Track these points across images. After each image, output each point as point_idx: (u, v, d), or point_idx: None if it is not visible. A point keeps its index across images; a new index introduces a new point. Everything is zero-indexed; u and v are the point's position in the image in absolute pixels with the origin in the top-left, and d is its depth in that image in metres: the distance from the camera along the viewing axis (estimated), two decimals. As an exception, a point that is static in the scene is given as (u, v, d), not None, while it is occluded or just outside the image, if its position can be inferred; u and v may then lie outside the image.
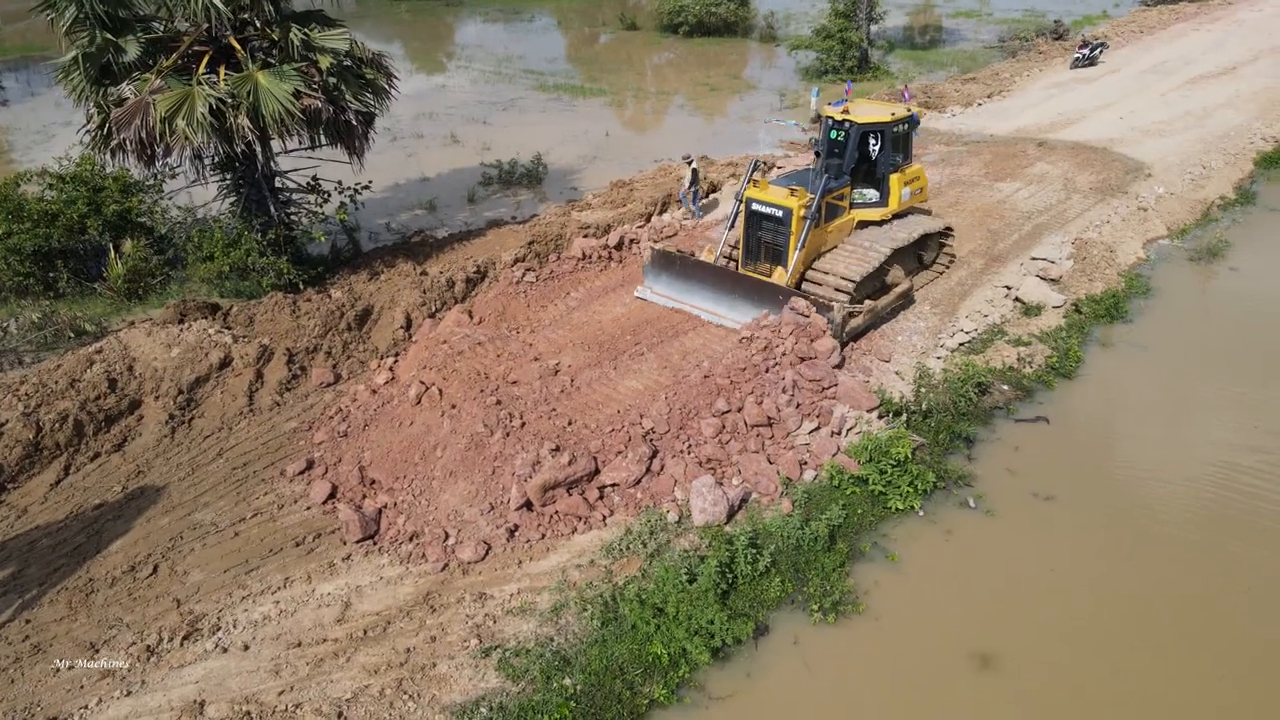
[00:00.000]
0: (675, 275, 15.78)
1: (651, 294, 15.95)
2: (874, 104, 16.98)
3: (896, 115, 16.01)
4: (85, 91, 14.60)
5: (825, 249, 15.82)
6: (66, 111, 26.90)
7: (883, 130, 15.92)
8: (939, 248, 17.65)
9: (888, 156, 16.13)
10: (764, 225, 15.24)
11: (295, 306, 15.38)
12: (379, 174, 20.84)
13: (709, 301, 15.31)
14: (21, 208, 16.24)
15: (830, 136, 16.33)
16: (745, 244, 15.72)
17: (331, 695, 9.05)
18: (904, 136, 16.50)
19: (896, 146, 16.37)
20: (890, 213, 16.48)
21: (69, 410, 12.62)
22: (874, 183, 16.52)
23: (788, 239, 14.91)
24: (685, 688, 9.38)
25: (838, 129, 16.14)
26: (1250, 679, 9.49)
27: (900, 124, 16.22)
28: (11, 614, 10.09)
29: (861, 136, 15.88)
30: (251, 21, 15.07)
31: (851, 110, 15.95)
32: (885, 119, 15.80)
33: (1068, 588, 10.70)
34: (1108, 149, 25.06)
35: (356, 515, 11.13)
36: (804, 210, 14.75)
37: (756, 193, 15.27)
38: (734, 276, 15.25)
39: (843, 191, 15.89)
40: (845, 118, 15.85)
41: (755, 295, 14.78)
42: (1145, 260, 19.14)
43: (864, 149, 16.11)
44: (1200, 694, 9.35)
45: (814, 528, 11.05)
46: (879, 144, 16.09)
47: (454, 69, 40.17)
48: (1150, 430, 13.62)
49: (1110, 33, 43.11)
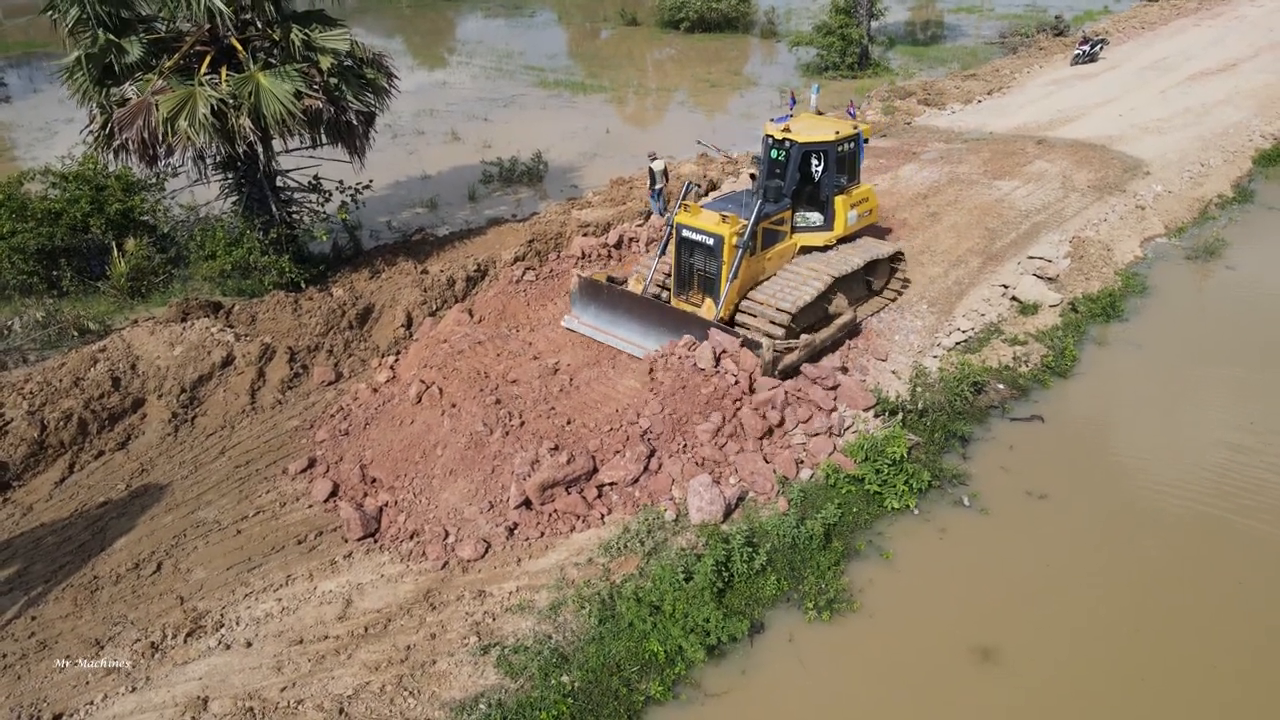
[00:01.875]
0: (602, 306, 14.78)
1: (578, 324, 14.92)
2: (818, 121, 15.95)
3: (841, 134, 15.14)
4: (88, 92, 14.72)
5: (763, 277, 14.95)
6: (69, 108, 26.88)
7: (826, 150, 15.01)
8: (890, 273, 16.72)
9: (832, 178, 15.24)
10: (695, 253, 14.27)
11: (297, 305, 15.51)
12: (380, 171, 20.94)
13: (636, 335, 14.26)
14: (25, 206, 16.37)
15: (771, 156, 15.40)
16: (677, 272, 14.74)
17: (333, 691, 9.19)
18: (850, 156, 15.66)
19: (842, 167, 15.48)
20: (836, 237, 15.65)
21: (73, 409, 12.76)
22: (818, 205, 15.57)
23: (720, 268, 13.97)
24: (681, 685, 9.51)
25: (778, 148, 15.25)
26: (1245, 672, 9.61)
27: (845, 143, 15.37)
28: (17, 611, 10.23)
29: (803, 156, 15.00)
30: (253, 22, 15.18)
31: (793, 128, 15.11)
32: (828, 138, 14.93)
33: (1062, 585, 10.82)
34: (1106, 147, 25.12)
35: (358, 513, 11.26)
36: (736, 238, 13.87)
37: (687, 218, 14.26)
38: (660, 309, 14.21)
39: (783, 215, 15.04)
40: (786, 136, 15.01)
41: (682, 329, 13.77)
42: (1142, 259, 19.22)
43: (806, 170, 15.19)
44: (1195, 686, 9.48)
45: (810, 526, 11.17)
46: (822, 165, 15.16)
47: (455, 65, 40.22)
48: (1145, 429, 13.73)
49: (1111, 28, 43.11)
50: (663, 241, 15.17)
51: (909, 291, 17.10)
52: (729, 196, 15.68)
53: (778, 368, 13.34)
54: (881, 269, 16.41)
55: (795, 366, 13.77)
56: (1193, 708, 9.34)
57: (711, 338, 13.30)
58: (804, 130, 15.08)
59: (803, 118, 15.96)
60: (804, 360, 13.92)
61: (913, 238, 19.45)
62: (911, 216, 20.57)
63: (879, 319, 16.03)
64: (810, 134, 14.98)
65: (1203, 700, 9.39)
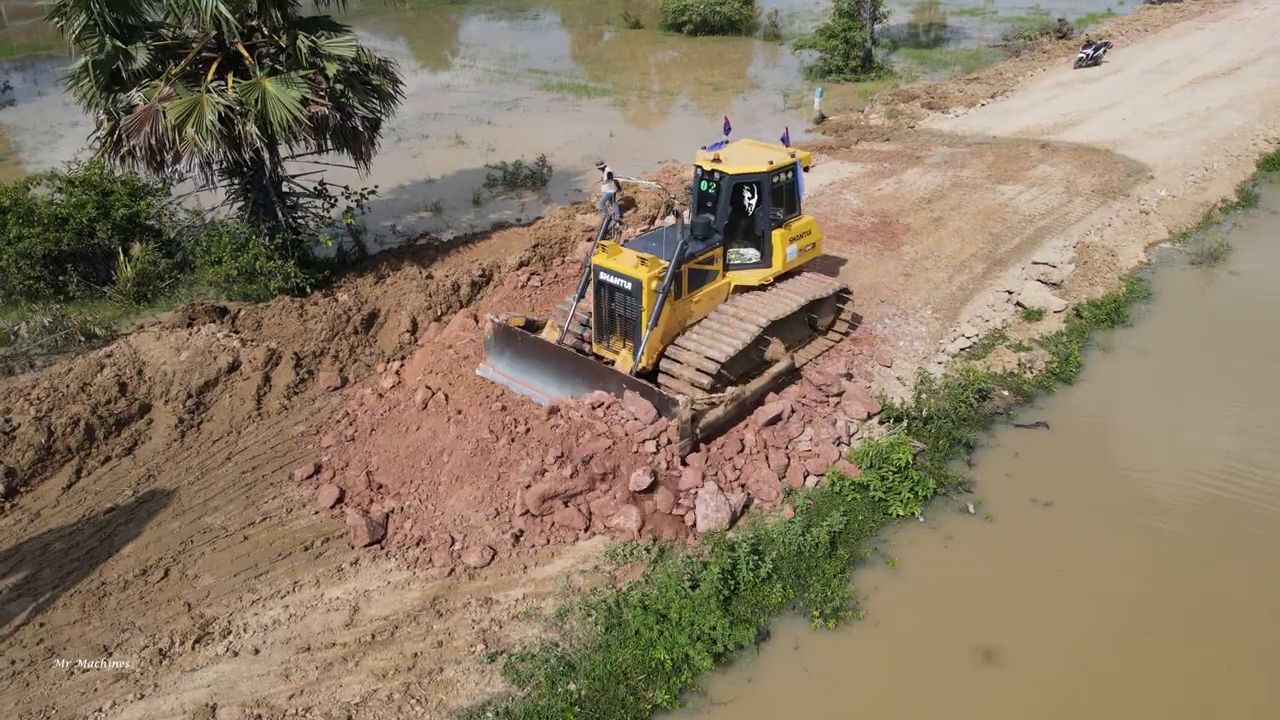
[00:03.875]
0: (517, 354, 13.66)
1: (493, 373, 13.75)
2: (752, 149, 14.73)
3: (775, 163, 14.01)
4: (95, 98, 14.79)
5: (692, 321, 13.71)
6: (73, 112, 27.04)
7: (759, 181, 13.85)
8: (835, 312, 15.36)
9: (767, 211, 14.10)
10: (615, 296, 13.03)
11: (302, 310, 15.55)
12: (384, 175, 20.98)
13: (552, 386, 13.18)
14: (32, 212, 16.45)
15: (701, 188, 14.31)
16: (596, 317, 13.48)
17: (341, 699, 9.22)
18: (787, 187, 14.51)
19: (778, 199, 14.34)
20: (774, 275, 14.46)
21: (80, 414, 12.80)
22: (754, 241, 14.39)
23: (640, 314, 12.79)
24: (688, 693, 9.53)
25: (708, 180, 14.14)
26: (1253, 677, 9.62)
27: (780, 173, 14.22)
28: (26, 617, 10.26)
29: (735, 189, 13.84)
30: (259, 28, 15.21)
31: (724, 158, 13.99)
32: (761, 168, 13.80)
33: (1068, 592, 10.83)
34: (1110, 151, 25.14)
35: (364, 520, 11.29)
36: (656, 282, 12.60)
37: (605, 259, 12.97)
38: (574, 359, 13.09)
39: (713, 253, 13.85)
40: (715, 167, 13.86)
41: (598, 381, 12.73)
42: (1146, 264, 19.23)
43: (739, 203, 14.02)
44: (1202, 692, 9.49)
45: (815, 534, 11.19)
46: (755, 197, 13.99)
47: (458, 68, 40.30)
48: (1150, 435, 13.74)
49: (1114, 31, 43.14)
50: (580, 283, 13.91)
51: (913, 296, 17.11)
52: (656, 233, 14.36)
53: (698, 426, 12.11)
54: (826, 307, 15.07)
55: (719, 425, 12.59)
56: (1199, 713, 9.35)
57: (625, 405, 12.24)
58: (735, 160, 13.98)
59: (737, 146, 14.94)
60: (731, 416, 12.73)
61: (916, 242, 19.47)
62: (915, 221, 20.58)
63: (883, 324, 16.04)
64: (742, 164, 13.86)
65: (1209, 705, 9.39)
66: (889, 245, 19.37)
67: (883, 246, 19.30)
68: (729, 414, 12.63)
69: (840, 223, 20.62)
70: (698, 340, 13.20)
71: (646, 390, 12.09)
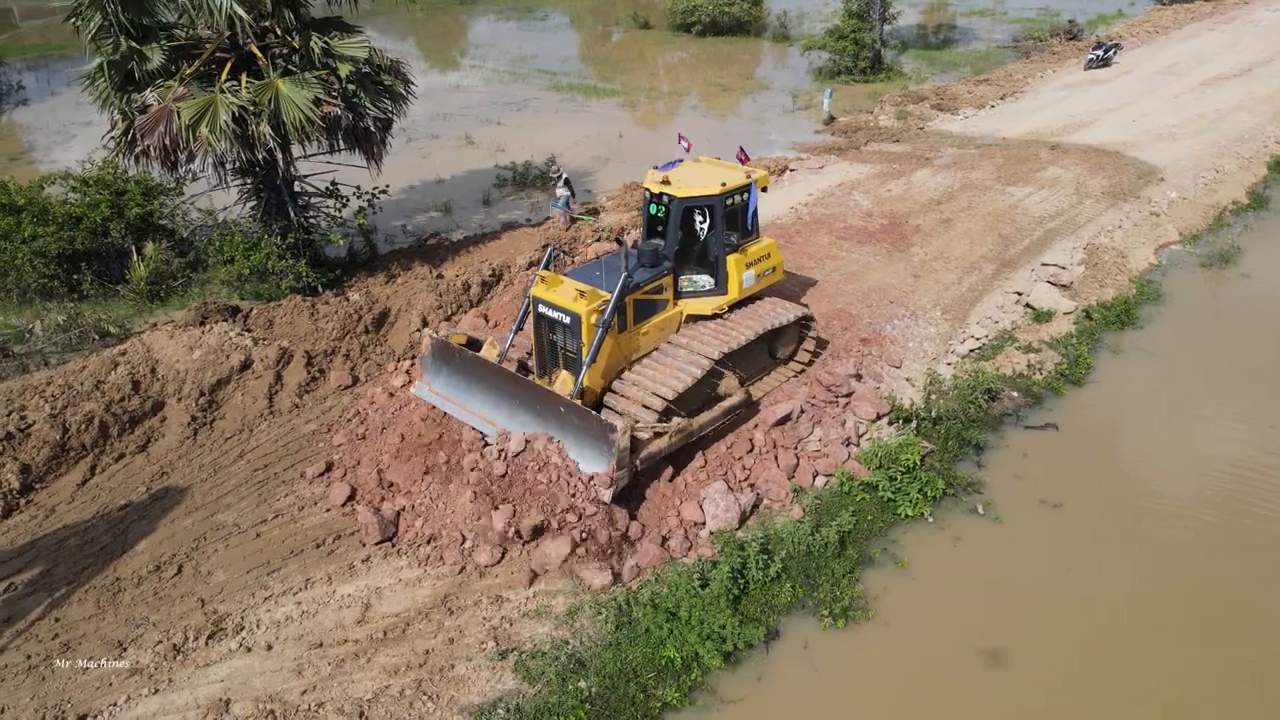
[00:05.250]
0: (455, 372, 12.81)
1: (428, 392, 13.01)
2: (705, 170, 13.78)
3: (728, 185, 13.10)
4: (110, 98, 14.91)
5: (639, 355, 12.84)
6: (86, 111, 27.23)
7: (711, 205, 12.99)
8: (798, 339, 14.53)
9: (720, 236, 13.23)
10: (555, 330, 12.26)
11: (314, 309, 15.64)
12: (395, 175, 21.07)
13: (489, 409, 12.28)
14: (46, 211, 16.58)
15: (650, 212, 13.53)
16: (538, 350, 12.73)
17: (353, 695, 9.29)
18: (741, 209, 13.59)
19: (732, 222, 13.45)
20: (729, 303, 13.58)
21: (94, 412, 12.91)
22: (707, 267, 13.55)
23: (580, 348, 11.98)
24: (697, 691, 9.58)
25: (657, 203, 13.33)
26: (1263, 679, 9.62)
27: (735, 194, 13.36)
28: (41, 612, 10.37)
29: (685, 213, 13.01)
30: (272, 29, 15.32)
31: (673, 180, 13.14)
32: (713, 191, 12.90)
33: (1077, 593, 10.84)
34: (1120, 152, 25.10)
35: (375, 518, 11.36)
36: (596, 315, 11.78)
37: (544, 290, 12.18)
38: (514, 380, 12.08)
39: (661, 282, 12.93)
40: (664, 190, 13.04)
41: (536, 406, 11.72)
42: (1157, 266, 19.20)
43: (690, 227, 13.23)
44: (1210, 694, 9.49)
45: (824, 534, 11.23)
46: (707, 221, 13.17)
47: (468, 68, 40.43)
48: (1160, 438, 13.73)
49: (1125, 32, 43.04)
50: (519, 315, 13.18)
51: (922, 298, 17.12)
52: (604, 260, 13.35)
53: (638, 456, 11.27)
54: (788, 335, 14.24)
55: (661, 455, 11.75)
56: (1207, 715, 9.35)
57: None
58: (686, 182, 13.11)
59: (690, 165, 14.03)
60: (677, 447, 11.93)
61: (926, 244, 19.49)
62: (925, 223, 20.59)
63: (892, 325, 16.06)
64: (692, 187, 12.98)
65: (1221, 709, 9.40)
66: (898, 246, 19.39)
67: (892, 248, 19.32)
68: (674, 444, 11.78)
69: (849, 224, 20.65)
70: (643, 376, 12.36)
71: (584, 414, 11.08)
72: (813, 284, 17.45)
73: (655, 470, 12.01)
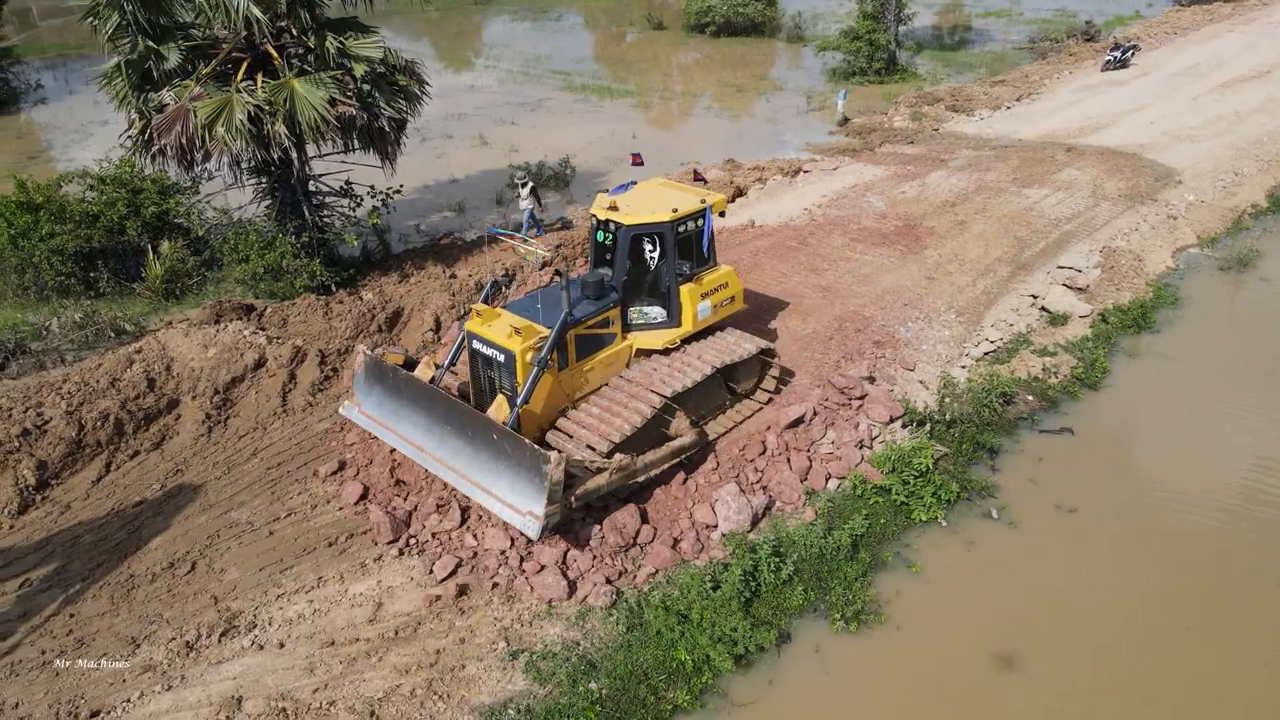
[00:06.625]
0: (387, 392, 12.11)
1: (358, 414, 12.36)
2: (658, 194, 12.97)
3: (680, 211, 12.26)
4: (127, 97, 14.99)
5: (583, 393, 12.15)
6: (103, 110, 27.43)
7: (660, 232, 12.24)
8: (760, 373, 13.72)
9: (671, 265, 12.43)
10: (490, 367, 11.72)
11: (327, 308, 15.70)
12: (409, 175, 21.13)
13: (420, 433, 11.55)
14: (64, 209, 16.69)
15: (597, 240, 12.79)
16: (475, 387, 12.18)
17: (364, 694, 9.31)
18: (695, 236, 12.67)
19: (685, 250, 12.60)
20: (682, 336, 12.82)
21: (110, 409, 12.99)
22: (659, 298, 12.77)
23: (515, 386, 11.31)
24: (708, 694, 9.55)
25: (604, 230, 12.62)
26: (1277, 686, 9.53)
27: (687, 221, 12.47)
28: (56, 608, 10.43)
29: (633, 241, 12.29)
30: (288, 29, 15.37)
31: (621, 206, 12.36)
32: (663, 218, 12.12)
33: (1091, 599, 10.75)
34: (1138, 155, 24.90)
35: (388, 517, 11.38)
36: (532, 354, 11.16)
37: (478, 326, 11.60)
38: (446, 403, 11.26)
39: (607, 315, 12.24)
40: (610, 217, 12.30)
41: (469, 432, 10.90)
42: (1174, 269, 19.03)
43: (639, 256, 12.50)
44: (1223, 700, 9.39)
45: (836, 537, 11.18)
46: (657, 250, 12.41)
47: (482, 68, 40.50)
48: (1176, 443, 13.61)
49: (1142, 33, 42.72)
50: (452, 350, 12.58)
51: (937, 300, 17.03)
52: (544, 292, 12.67)
53: (574, 492, 10.47)
54: (748, 368, 13.43)
55: (600, 494, 11.00)
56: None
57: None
58: (634, 209, 12.33)
59: (644, 189, 13.32)
60: (617, 486, 11.14)
61: (940, 246, 19.39)
62: (939, 225, 20.49)
63: (906, 328, 15.98)
64: (640, 213, 12.23)
65: (1232, 715, 9.30)
66: (912, 248, 19.29)
67: (906, 250, 19.23)
68: (614, 483, 10.99)
69: (863, 225, 20.57)
70: (587, 415, 11.70)
71: (517, 442, 10.23)
72: (824, 289, 17.39)
73: (666, 473, 12.00)
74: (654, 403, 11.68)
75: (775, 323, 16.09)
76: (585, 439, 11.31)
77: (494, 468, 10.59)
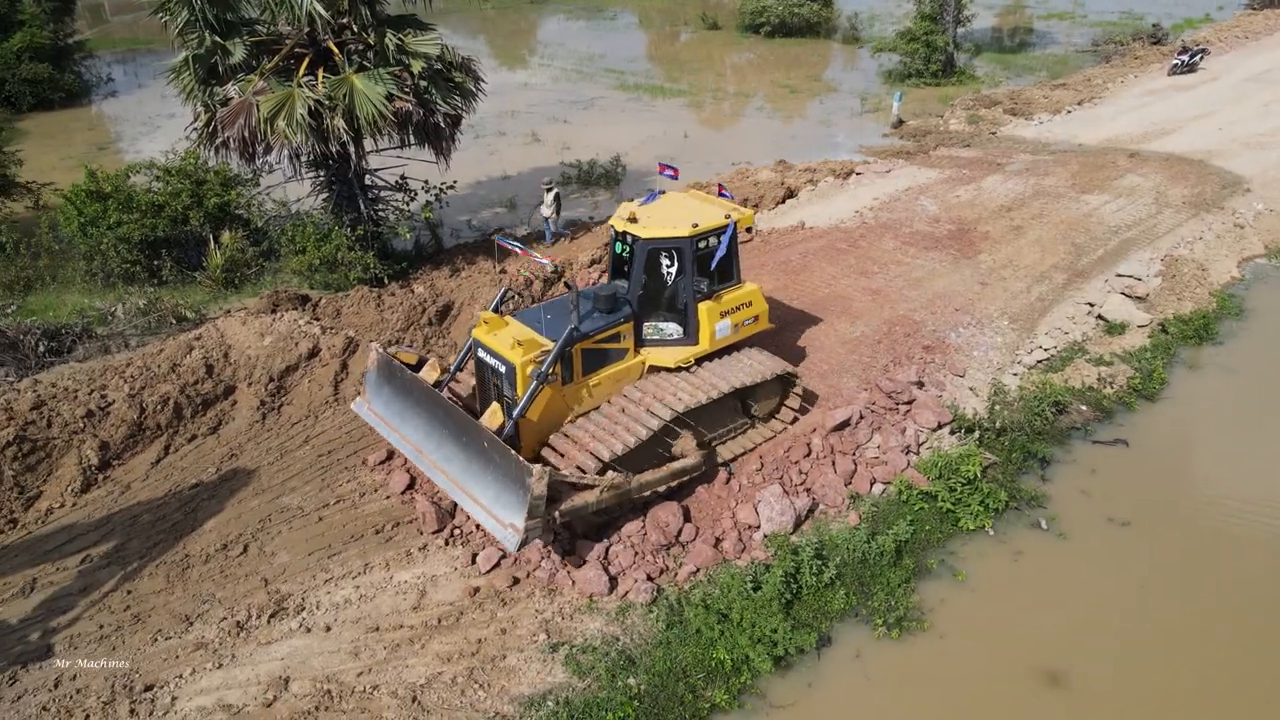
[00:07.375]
0: (395, 392, 11.96)
1: (366, 411, 12.29)
2: (681, 208, 12.45)
3: (701, 226, 11.79)
4: (194, 91, 15.44)
5: (584, 409, 11.80)
6: (170, 104, 28.17)
7: (679, 248, 11.84)
8: (781, 396, 13.19)
9: (689, 282, 12.03)
10: (494, 376, 11.59)
11: (379, 300, 15.98)
12: (462, 171, 21.39)
13: (420, 435, 11.41)
14: (131, 199, 17.21)
15: (616, 251, 12.54)
16: (481, 393, 12.09)
17: (407, 679, 9.46)
18: (711, 254, 12.11)
19: (704, 267, 12.11)
20: (698, 355, 12.37)
21: (170, 393, 13.38)
22: (676, 314, 12.33)
23: (516, 398, 11.15)
24: (747, 694, 9.53)
25: (621, 243, 12.33)
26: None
27: (708, 237, 11.98)
28: (114, 584, 10.78)
29: (649, 255, 11.92)
30: (349, 26, 15.69)
31: (640, 218, 11.99)
32: (682, 233, 11.69)
33: (1142, 614, 10.50)
34: (1204, 161, 24.20)
35: (433, 507, 11.55)
36: (533, 367, 10.94)
37: (484, 334, 11.45)
38: (445, 407, 11.07)
39: (619, 330, 11.88)
40: (628, 229, 11.96)
41: (462, 438, 10.73)
42: (1239, 280, 18.47)
43: (656, 271, 12.09)
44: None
45: (880, 542, 11.06)
46: (675, 265, 12.01)
47: (536, 66, 40.78)
48: (1236, 457, 13.21)
49: (1212, 37, 41.46)
50: (459, 355, 12.36)
51: (989, 306, 16.74)
52: (554, 304, 12.49)
53: (558, 508, 10.06)
54: (766, 391, 12.92)
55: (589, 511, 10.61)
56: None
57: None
58: (654, 222, 11.93)
59: (669, 200, 12.78)
60: (609, 504, 10.74)
61: (995, 251, 19.06)
62: (994, 230, 20.14)
63: (957, 333, 15.74)
64: (659, 227, 11.83)
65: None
66: (965, 253, 19.00)
67: (959, 254, 18.95)
68: (603, 501, 10.57)
69: (916, 229, 20.31)
70: (583, 431, 11.35)
71: (505, 452, 10.01)
72: (873, 292, 17.20)
73: (709, 473, 11.98)
74: (651, 425, 11.23)
75: (823, 325, 15.99)
76: (576, 458, 10.97)
77: (482, 476, 10.47)
